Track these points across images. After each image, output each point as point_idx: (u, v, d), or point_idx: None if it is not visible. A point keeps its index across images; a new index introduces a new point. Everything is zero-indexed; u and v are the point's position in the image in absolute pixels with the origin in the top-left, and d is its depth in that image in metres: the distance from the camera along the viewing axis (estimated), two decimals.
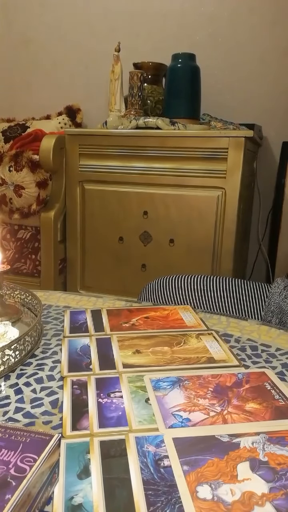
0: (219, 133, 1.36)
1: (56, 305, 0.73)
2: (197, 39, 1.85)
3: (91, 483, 0.33)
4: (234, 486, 0.33)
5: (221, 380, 0.49)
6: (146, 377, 0.49)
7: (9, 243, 1.71)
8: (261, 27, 1.77)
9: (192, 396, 0.45)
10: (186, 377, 0.49)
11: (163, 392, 0.46)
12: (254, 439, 0.38)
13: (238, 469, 0.35)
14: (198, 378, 0.49)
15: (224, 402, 0.44)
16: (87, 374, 0.50)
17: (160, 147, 1.42)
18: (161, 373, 0.50)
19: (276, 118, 1.80)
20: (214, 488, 0.33)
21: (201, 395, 0.46)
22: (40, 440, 0.32)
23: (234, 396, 0.46)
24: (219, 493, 0.32)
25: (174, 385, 0.47)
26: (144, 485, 0.33)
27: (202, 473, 0.34)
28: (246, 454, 0.36)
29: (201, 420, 0.41)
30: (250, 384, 0.48)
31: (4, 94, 2.23)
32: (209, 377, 0.49)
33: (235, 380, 0.49)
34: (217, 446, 0.37)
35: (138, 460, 0.35)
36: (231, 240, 1.39)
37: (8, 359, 0.50)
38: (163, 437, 0.38)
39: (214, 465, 0.35)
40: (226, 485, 0.33)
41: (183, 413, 0.43)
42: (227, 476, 0.34)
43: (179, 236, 1.45)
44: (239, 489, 0.33)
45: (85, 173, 1.54)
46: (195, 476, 0.34)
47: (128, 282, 1.54)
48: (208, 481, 0.34)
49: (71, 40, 2.06)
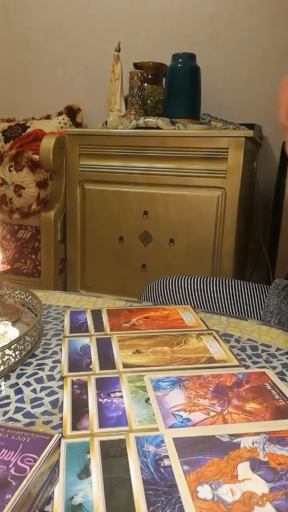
0: (219, 133, 1.36)
1: (56, 305, 0.73)
2: (197, 39, 1.85)
3: (91, 483, 0.33)
4: (234, 486, 0.33)
5: (221, 380, 0.49)
6: (146, 377, 0.49)
7: (9, 243, 1.71)
8: (261, 27, 1.77)
9: (192, 396, 0.45)
10: (186, 377, 0.49)
11: (163, 392, 0.46)
12: (255, 439, 0.38)
13: (238, 469, 0.35)
14: (198, 378, 0.49)
15: (224, 402, 0.44)
16: (87, 374, 0.50)
17: (160, 147, 1.42)
18: (161, 373, 0.50)
19: (276, 118, 1.79)
20: (214, 488, 0.33)
21: (201, 395, 0.46)
22: (40, 440, 0.32)
23: (234, 396, 0.46)
24: (220, 493, 0.32)
25: (174, 385, 0.47)
26: (144, 485, 0.33)
27: (202, 473, 0.34)
28: (247, 454, 0.36)
29: (201, 420, 0.41)
30: (250, 384, 0.48)
31: (4, 94, 2.23)
32: (209, 377, 0.49)
33: (235, 380, 0.49)
34: (217, 446, 0.37)
35: (138, 460, 0.35)
36: (231, 240, 1.39)
37: (8, 359, 0.50)
38: (163, 437, 0.38)
39: (214, 465, 0.35)
40: (227, 485, 0.33)
41: (183, 413, 0.42)
42: (227, 476, 0.34)
43: (179, 236, 1.45)
44: (239, 489, 0.33)
45: (85, 173, 1.54)
46: (195, 476, 0.34)
47: (128, 282, 1.54)
48: (209, 481, 0.33)
49: (71, 40, 2.06)
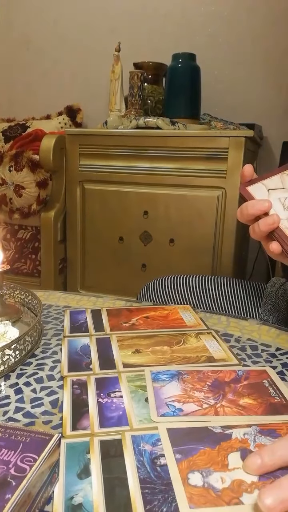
0: (219, 133, 1.36)
1: (56, 305, 0.73)
2: (197, 39, 1.85)
3: (91, 483, 0.33)
4: (224, 474, 0.34)
5: (220, 376, 0.49)
6: (147, 369, 0.50)
7: (9, 243, 1.71)
8: (261, 27, 1.77)
9: (188, 389, 0.46)
10: (186, 372, 0.50)
11: (161, 383, 0.47)
12: (246, 430, 0.39)
13: (229, 458, 0.35)
14: (197, 373, 0.49)
15: (219, 396, 0.45)
16: (87, 374, 0.50)
17: (160, 147, 1.42)
18: (162, 367, 0.50)
19: (276, 118, 1.80)
20: (205, 475, 0.34)
21: (197, 388, 0.46)
22: (40, 440, 0.32)
23: (230, 391, 0.46)
24: (210, 480, 0.33)
25: (173, 378, 0.48)
26: (141, 483, 0.33)
27: (194, 462, 0.35)
28: (238, 445, 0.37)
29: (192, 411, 0.42)
30: (248, 381, 0.48)
31: (4, 94, 2.23)
32: (209, 372, 0.50)
33: (234, 377, 0.49)
34: (210, 437, 0.38)
35: (134, 458, 0.36)
36: (231, 240, 1.39)
37: (8, 359, 0.50)
38: (159, 434, 0.39)
39: (206, 454, 0.36)
40: (217, 473, 0.34)
41: (177, 403, 0.43)
42: (218, 464, 0.35)
43: (179, 236, 1.45)
44: (229, 477, 0.33)
45: (85, 173, 1.54)
46: (187, 464, 0.35)
47: (128, 282, 1.54)
48: (200, 469, 0.34)
49: (71, 40, 2.06)
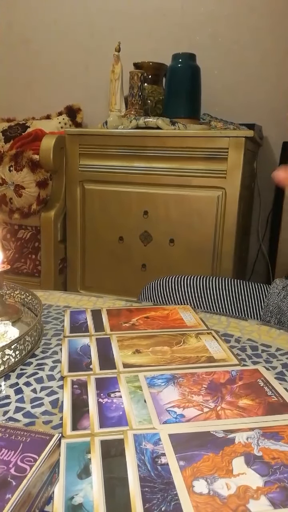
0: (219, 133, 1.36)
1: (56, 305, 0.73)
2: (197, 39, 1.85)
3: (91, 483, 0.33)
4: (229, 481, 0.34)
5: (214, 377, 0.49)
6: (141, 375, 0.49)
7: (9, 243, 1.71)
8: (261, 27, 1.77)
9: (186, 393, 0.46)
10: (181, 375, 0.50)
11: (158, 389, 0.47)
12: (249, 434, 0.39)
13: (233, 464, 0.35)
14: (192, 376, 0.50)
15: (217, 398, 0.45)
16: (87, 374, 0.50)
17: (160, 147, 1.42)
18: (155, 371, 0.50)
19: (276, 118, 1.80)
20: (210, 482, 0.33)
21: (195, 391, 0.46)
22: (40, 440, 0.32)
23: (227, 392, 0.46)
24: (215, 487, 0.33)
25: (168, 382, 0.48)
26: (141, 482, 0.33)
27: (198, 468, 0.35)
28: (241, 449, 0.37)
29: (194, 416, 0.42)
30: (243, 381, 0.49)
31: (4, 94, 2.23)
32: (203, 374, 0.50)
33: (229, 377, 0.49)
34: (213, 442, 0.38)
35: (135, 457, 0.36)
36: (231, 240, 1.39)
37: (8, 358, 0.50)
38: (159, 433, 0.39)
39: (210, 460, 0.36)
40: (222, 480, 0.34)
41: (177, 409, 0.43)
42: (223, 470, 0.35)
43: (179, 236, 1.45)
44: (235, 483, 0.33)
45: (85, 173, 1.54)
46: (191, 471, 0.34)
47: (128, 282, 1.54)
48: (204, 476, 0.34)
49: (71, 40, 2.06)
